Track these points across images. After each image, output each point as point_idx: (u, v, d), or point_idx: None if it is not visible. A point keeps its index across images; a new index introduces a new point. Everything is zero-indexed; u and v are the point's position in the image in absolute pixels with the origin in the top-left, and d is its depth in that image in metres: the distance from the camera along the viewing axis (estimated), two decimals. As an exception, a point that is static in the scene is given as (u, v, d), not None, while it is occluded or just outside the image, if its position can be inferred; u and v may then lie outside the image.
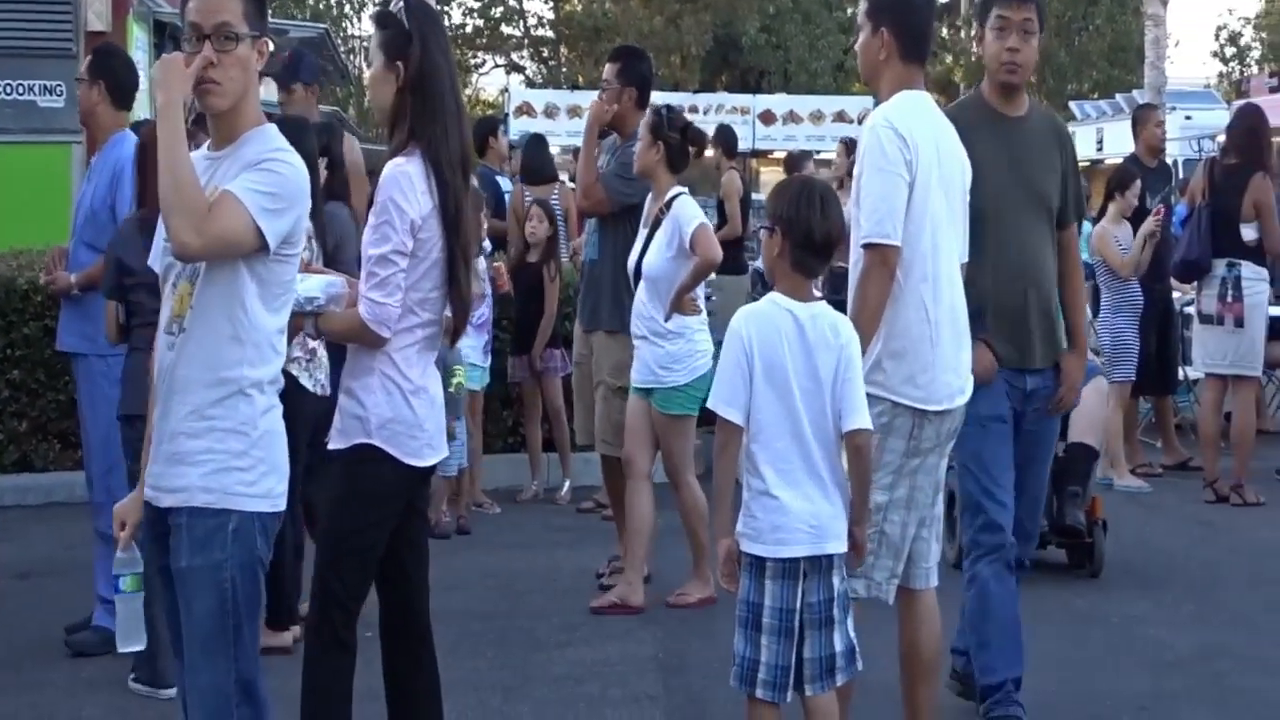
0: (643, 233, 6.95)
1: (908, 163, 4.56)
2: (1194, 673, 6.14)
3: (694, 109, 26.79)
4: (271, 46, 3.71)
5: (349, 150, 7.38)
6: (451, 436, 7.79)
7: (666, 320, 6.73)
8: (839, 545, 4.23)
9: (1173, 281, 10.58)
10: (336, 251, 6.22)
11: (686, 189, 6.98)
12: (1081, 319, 5.58)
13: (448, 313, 4.28)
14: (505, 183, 11.42)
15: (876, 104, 4.87)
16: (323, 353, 6.07)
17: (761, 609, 4.17)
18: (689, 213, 6.77)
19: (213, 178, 3.64)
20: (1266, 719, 5.74)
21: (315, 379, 6.02)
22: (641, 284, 6.86)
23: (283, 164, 3.62)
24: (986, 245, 5.05)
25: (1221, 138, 10.27)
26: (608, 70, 7.56)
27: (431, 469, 4.32)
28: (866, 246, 4.56)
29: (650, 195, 7.00)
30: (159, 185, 3.56)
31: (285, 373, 3.84)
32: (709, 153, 13.78)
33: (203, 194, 3.55)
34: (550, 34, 40.71)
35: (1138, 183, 10.13)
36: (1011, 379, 5.26)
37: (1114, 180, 10.41)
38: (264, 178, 3.58)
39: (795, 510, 4.17)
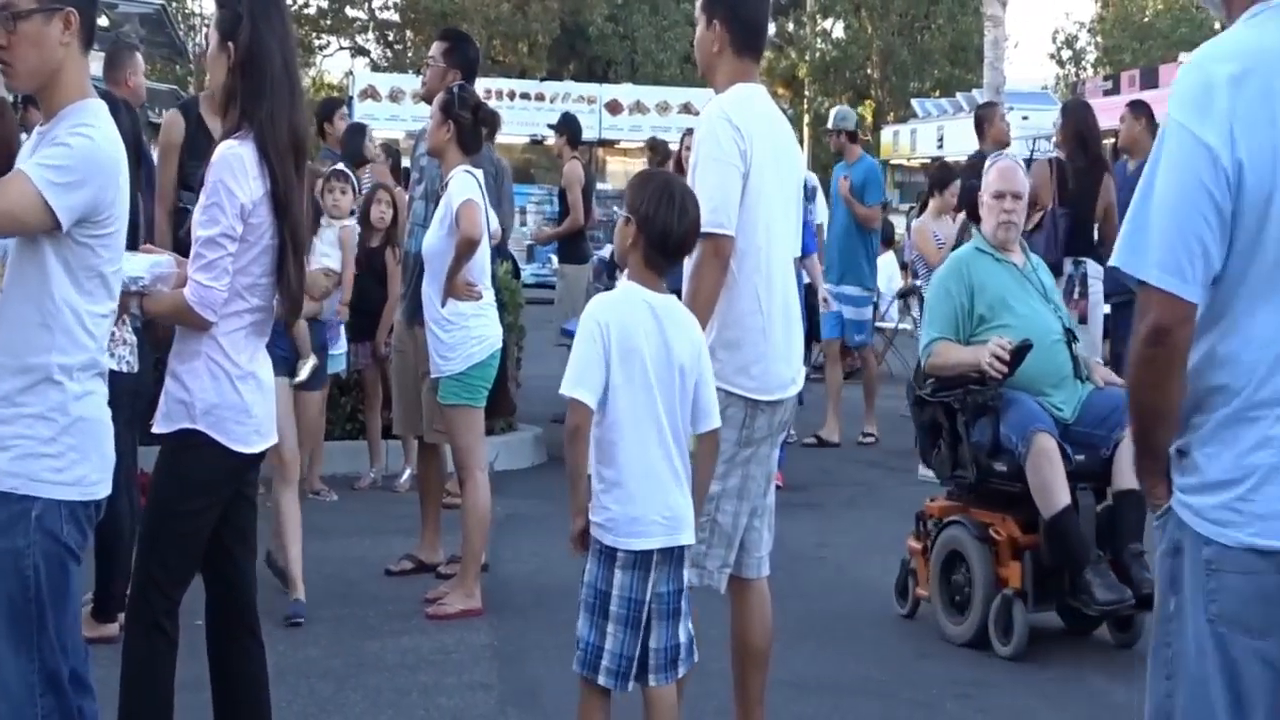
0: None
1: (742, 153, 4.59)
2: (1017, 659, 6.25)
3: (540, 97, 26.82)
4: (80, 18, 3.61)
5: None
6: None
7: (442, 306, 6.58)
8: (691, 537, 4.24)
9: None
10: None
11: (478, 170, 6.80)
12: None
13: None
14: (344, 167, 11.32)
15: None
16: (123, 332, 5.93)
17: (609, 597, 4.14)
18: (460, 189, 6.58)
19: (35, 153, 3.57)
20: (1078, 698, 5.88)
21: (119, 356, 5.88)
22: (426, 269, 6.76)
23: (82, 138, 3.54)
24: None
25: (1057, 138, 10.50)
26: (435, 49, 7.50)
27: (260, 456, 4.26)
28: (701, 236, 4.57)
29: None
30: None
31: None
32: (551, 141, 13.87)
33: None
34: (396, 17, 40.40)
35: (957, 182, 10.45)
36: None
37: (934, 178, 10.71)
38: (57, 152, 3.51)
39: (650, 502, 4.15)
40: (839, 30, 43.14)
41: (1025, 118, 21.53)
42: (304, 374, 6.48)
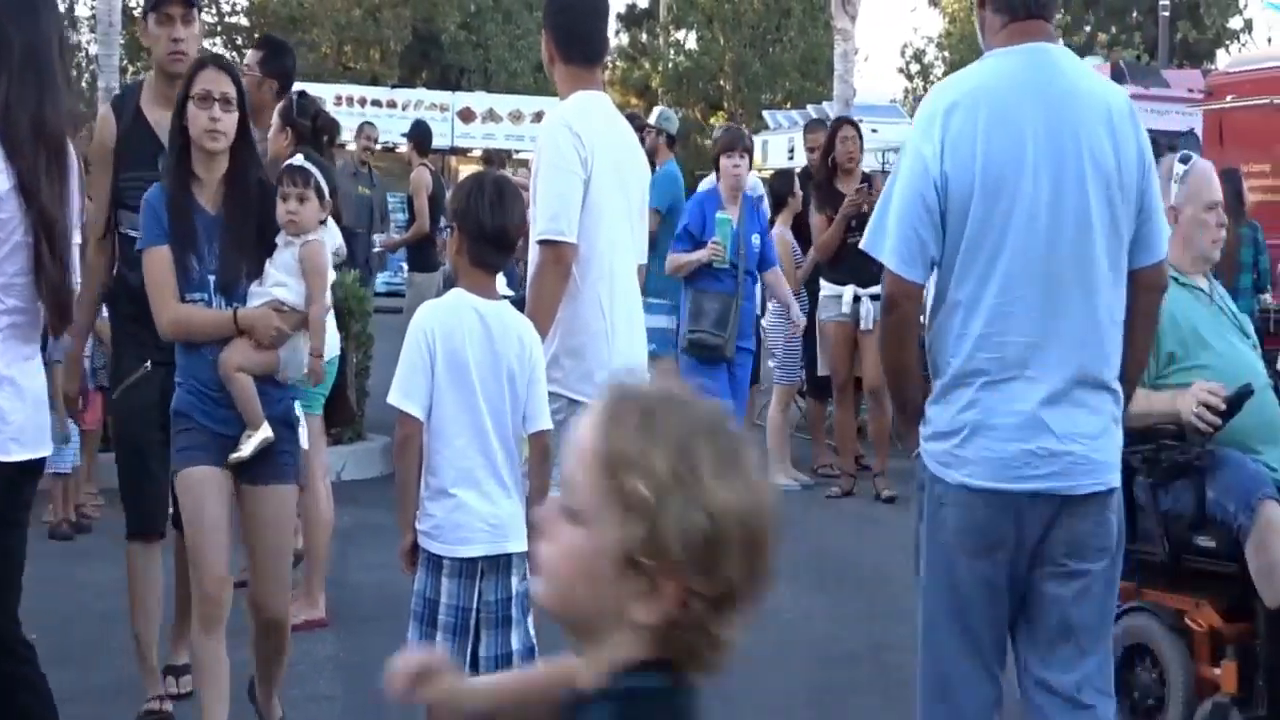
0: None
1: (583, 160, 4.59)
2: (863, 666, 6.33)
3: (392, 104, 26.68)
4: None
5: None
6: (66, 439, 7.36)
7: None
8: (519, 544, 4.22)
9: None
10: None
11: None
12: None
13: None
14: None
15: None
16: None
17: (438, 606, 4.14)
18: None
19: None
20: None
21: None
22: None
23: None
24: None
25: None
26: (251, 56, 7.46)
27: (31, 472, 4.02)
28: (541, 243, 4.57)
29: None
30: None
31: None
32: (402, 148, 13.80)
33: None
34: (245, 22, 39.86)
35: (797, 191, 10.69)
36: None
37: (778, 187, 10.88)
38: None
39: (475, 509, 4.14)
40: (691, 41, 43.38)
41: (875, 130, 21.82)
42: (246, 450, 4.71)
